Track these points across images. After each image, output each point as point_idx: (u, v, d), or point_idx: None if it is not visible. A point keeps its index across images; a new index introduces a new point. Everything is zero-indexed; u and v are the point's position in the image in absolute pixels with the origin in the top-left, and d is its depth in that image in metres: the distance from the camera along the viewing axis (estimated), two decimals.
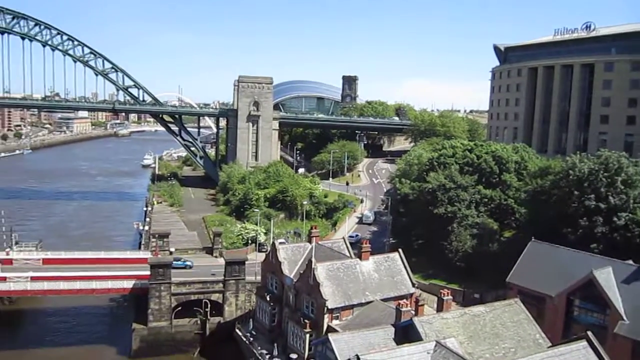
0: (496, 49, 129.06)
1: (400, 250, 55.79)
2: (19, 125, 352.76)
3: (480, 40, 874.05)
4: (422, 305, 42.81)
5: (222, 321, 62.45)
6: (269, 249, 64.05)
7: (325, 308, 47.76)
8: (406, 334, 38.56)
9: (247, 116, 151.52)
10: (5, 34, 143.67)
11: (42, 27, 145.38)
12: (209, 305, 61.88)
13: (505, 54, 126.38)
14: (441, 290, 44.44)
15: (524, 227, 68.96)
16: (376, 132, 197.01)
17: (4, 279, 60.32)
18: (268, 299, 56.66)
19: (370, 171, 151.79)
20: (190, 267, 69.77)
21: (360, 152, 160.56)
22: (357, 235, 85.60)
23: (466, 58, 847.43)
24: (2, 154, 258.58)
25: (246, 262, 64.32)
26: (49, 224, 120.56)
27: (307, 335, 49.19)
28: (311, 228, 60.24)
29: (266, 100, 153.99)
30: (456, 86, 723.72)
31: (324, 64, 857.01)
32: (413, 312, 41.07)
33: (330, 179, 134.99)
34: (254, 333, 57.49)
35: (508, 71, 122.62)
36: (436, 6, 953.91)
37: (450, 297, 43.15)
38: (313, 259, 50.39)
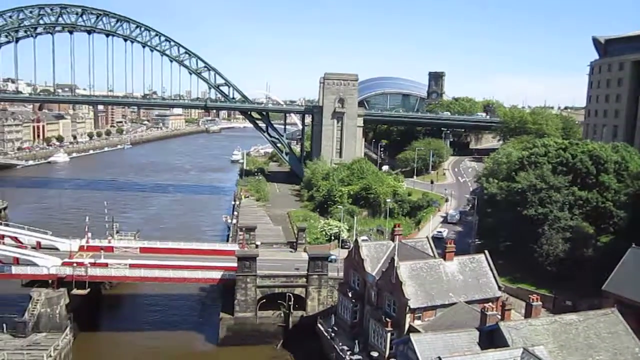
0: (595, 41, 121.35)
1: (486, 251, 54.20)
2: (121, 122, 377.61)
3: (577, 32, 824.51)
4: (509, 309, 41.30)
5: (304, 315, 63.60)
6: (351, 245, 64.35)
7: (408, 307, 47.35)
8: (491, 338, 37.45)
9: (332, 113, 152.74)
10: (110, 36, 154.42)
11: (143, 29, 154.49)
12: (292, 299, 63.24)
13: (606, 47, 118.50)
14: (530, 296, 42.72)
15: (624, 232, 64.47)
16: (463, 130, 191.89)
17: (105, 265, 64.86)
18: (350, 295, 57.03)
19: (455, 170, 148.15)
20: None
21: (446, 150, 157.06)
22: (441, 235, 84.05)
23: (561, 52, 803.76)
24: (106, 149, 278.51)
25: (329, 258, 64.93)
26: (146, 215, 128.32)
27: (389, 334, 49.02)
28: (394, 226, 59.89)
29: (351, 97, 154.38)
30: (550, 82, 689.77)
31: (410, 60, 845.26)
32: (499, 317, 39.80)
33: (415, 177, 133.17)
34: (335, 329, 58.08)
35: (608, 65, 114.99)
36: None
37: (539, 302, 41.36)
38: (396, 258, 50.10)
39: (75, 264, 62.93)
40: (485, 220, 79.97)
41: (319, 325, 60.02)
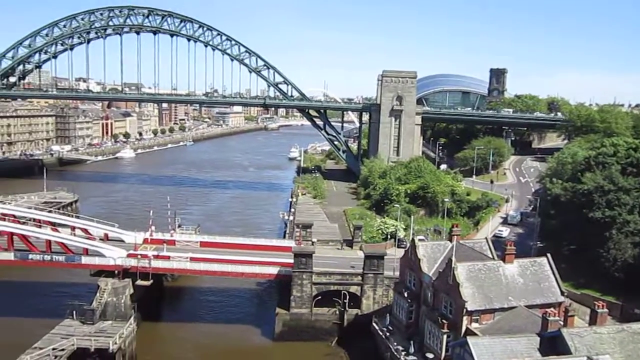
0: None
1: (548, 255, 52.37)
2: (183, 119, 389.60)
3: None
4: (572, 316, 39.86)
5: (359, 313, 63.62)
6: (408, 245, 63.82)
7: (465, 310, 46.53)
8: (553, 345, 36.26)
9: (389, 111, 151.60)
10: (174, 36, 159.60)
11: (205, 29, 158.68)
12: (347, 297, 63.41)
13: None
14: (595, 302, 41.12)
15: None
16: (525, 128, 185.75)
17: (167, 258, 67.23)
18: (405, 295, 56.59)
19: (517, 169, 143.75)
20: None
21: (507, 149, 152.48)
22: (501, 236, 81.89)
23: (634, 47, 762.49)
24: (169, 145, 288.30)
25: (385, 257, 64.75)
26: (206, 210, 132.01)
27: (445, 336, 48.34)
28: (452, 226, 58.95)
29: (409, 95, 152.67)
30: (620, 78, 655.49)
31: (471, 57, 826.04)
32: (561, 323, 38.48)
33: (474, 176, 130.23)
34: (390, 328, 57.80)
35: None
36: None
37: (605, 310, 39.70)
38: (453, 258, 49.31)
39: (139, 256, 65.49)
40: (547, 222, 77.24)
41: (374, 324, 59.90)
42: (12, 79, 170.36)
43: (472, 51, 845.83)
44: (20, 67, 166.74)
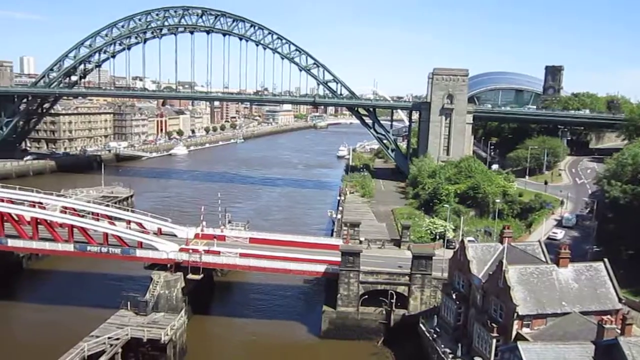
0: None
1: (605, 260, 50.42)
2: (234, 117, 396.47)
3: None
4: (631, 324, 38.13)
5: (406, 314, 63.14)
6: (457, 246, 62.86)
7: (515, 314, 45.44)
8: (609, 354, 34.89)
9: (440, 109, 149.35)
10: (227, 36, 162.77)
11: (256, 28, 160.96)
12: (394, 297, 63.03)
13: None
14: None
15: None
16: (582, 128, 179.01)
17: (218, 253, 68.68)
18: (454, 297, 55.78)
19: (573, 170, 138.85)
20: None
21: (563, 149, 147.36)
22: (555, 239, 79.42)
23: None
24: (220, 142, 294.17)
25: (433, 258, 64.02)
26: (256, 207, 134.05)
27: (494, 340, 47.34)
28: (503, 228, 57.51)
29: (460, 93, 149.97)
30: None
31: (524, 54, 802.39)
32: (618, 331, 36.93)
33: (527, 177, 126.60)
34: (437, 330, 57.13)
35: None
36: None
37: None
38: (504, 261, 48.22)
39: (191, 251, 67.10)
40: (605, 225, 74.33)
41: (421, 325, 59.33)
42: (74, 78, 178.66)
43: (525, 48, 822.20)
44: (81, 66, 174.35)
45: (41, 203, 74.21)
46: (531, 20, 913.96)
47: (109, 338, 53.01)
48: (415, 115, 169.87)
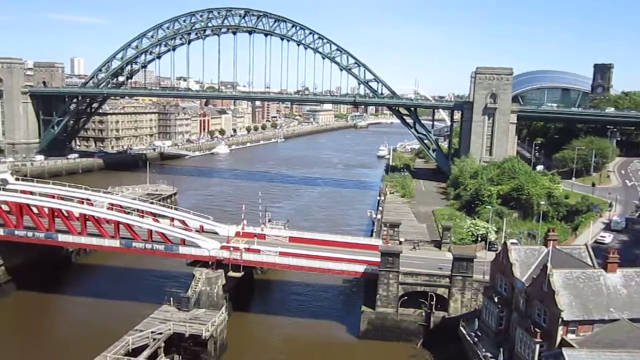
0: None
1: None
2: (275, 117, 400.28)
3: None
4: None
5: (446, 316, 62.34)
6: (499, 248, 61.65)
7: (560, 319, 44.24)
8: None
9: (482, 109, 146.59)
10: (268, 36, 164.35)
11: (298, 28, 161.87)
12: (434, 299, 62.33)
13: None
14: None
15: None
16: (633, 128, 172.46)
17: (258, 251, 69.42)
18: (496, 300, 54.71)
19: (622, 172, 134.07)
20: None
21: (612, 150, 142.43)
22: (603, 243, 76.86)
23: None
24: (261, 142, 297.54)
25: (475, 260, 62.94)
26: (296, 206, 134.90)
27: (537, 346, 46.17)
28: (548, 230, 56.17)
29: (504, 92, 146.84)
30: None
31: (572, 52, 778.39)
32: None
33: (573, 178, 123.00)
34: (479, 334, 56.17)
35: None
36: None
37: None
38: (549, 264, 47.00)
39: (231, 248, 68.13)
40: None
41: (462, 328, 58.43)
42: (121, 79, 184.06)
43: (574, 46, 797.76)
44: (128, 67, 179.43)
45: (89, 200, 76.80)
46: (579, 17, 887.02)
47: (152, 332, 54.35)
48: (457, 115, 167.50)
